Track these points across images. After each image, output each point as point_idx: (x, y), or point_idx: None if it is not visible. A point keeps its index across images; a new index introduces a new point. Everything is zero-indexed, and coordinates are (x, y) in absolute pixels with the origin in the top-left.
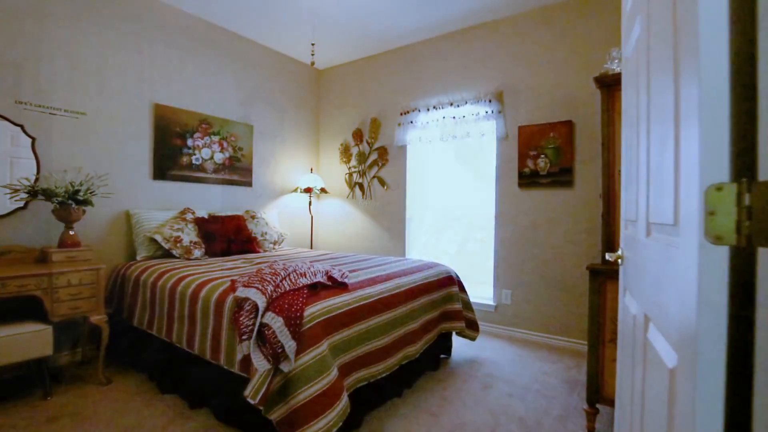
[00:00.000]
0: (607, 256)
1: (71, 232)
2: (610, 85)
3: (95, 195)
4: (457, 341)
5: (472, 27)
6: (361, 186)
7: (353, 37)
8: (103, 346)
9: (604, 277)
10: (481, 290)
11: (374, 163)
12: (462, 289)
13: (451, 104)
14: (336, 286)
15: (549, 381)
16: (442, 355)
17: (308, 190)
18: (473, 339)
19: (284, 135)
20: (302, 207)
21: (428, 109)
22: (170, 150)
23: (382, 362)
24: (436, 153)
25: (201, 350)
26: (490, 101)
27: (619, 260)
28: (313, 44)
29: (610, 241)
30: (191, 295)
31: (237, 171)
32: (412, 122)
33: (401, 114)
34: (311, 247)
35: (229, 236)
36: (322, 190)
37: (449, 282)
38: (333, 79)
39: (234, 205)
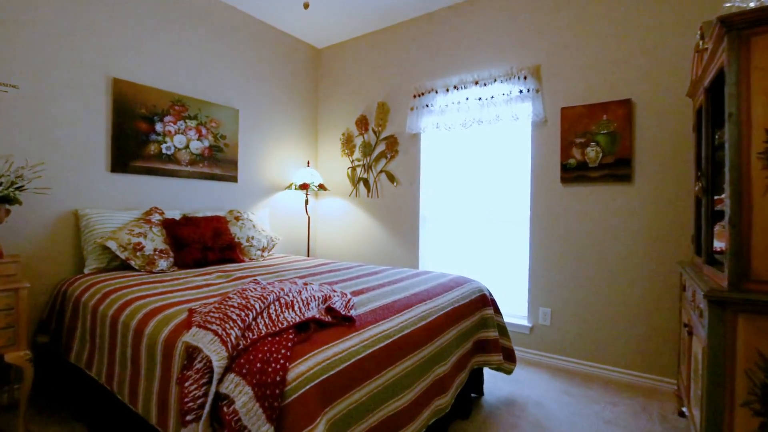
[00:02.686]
0: None
1: None
2: (745, 28)
3: (24, 190)
4: (487, 372)
5: None
6: (366, 182)
7: (358, 7)
8: (24, 391)
9: (734, 311)
10: (512, 307)
11: (382, 155)
12: (497, 310)
13: (476, 83)
14: (338, 322)
15: None
16: (472, 394)
17: (304, 187)
18: (510, 372)
19: (276, 122)
20: (297, 206)
21: (447, 90)
22: (133, 136)
23: (404, 430)
24: (456, 142)
25: (145, 409)
26: (525, 78)
27: None
28: None
29: (744, 256)
30: (135, 328)
31: (219, 163)
32: (427, 106)
33: (414, 97)
34: (308, 255)
35: (205, 242)
36: (321, 187)
37: (483, 302)
38: (334, 58)
39: (216, 204)
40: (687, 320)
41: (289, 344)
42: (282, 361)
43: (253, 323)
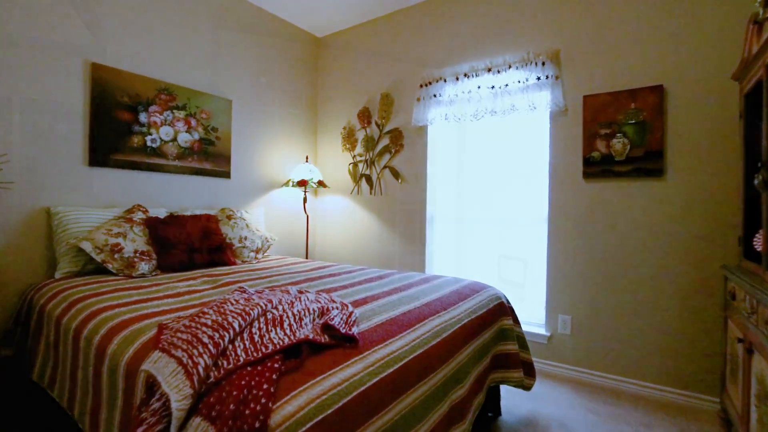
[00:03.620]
0: None
1: None
2: None
3: None
4: (504, 388)
5: None
6: (368, 178)
7: None
8: None
9: None
10: (528, 314)
11: (385, 149)
12: (515, 319)
13: (489, 70)
14: (337, 343)
15: None
16: (489, 414)
17: (302, 184)
18: (529, 389)
19: (273, 115)
20: (295, 205)
21: (457, 78)
22: (114, 127)
23: None
24: (467, 135)
25: None
26: (543, 64)
27: None
28: None
29: None
30: (97, 346)
31: (210, 158)
32: (435, 96)
33: (421, 86)
34: (306, 257)
35: (192, 243)
36: (320, 184)
37: (501, 312)
38: (335, 47)
39: (206, 201)
40: (743, 335)
41: (275, 376)
42: (263, 401)
43: (230, 347)
